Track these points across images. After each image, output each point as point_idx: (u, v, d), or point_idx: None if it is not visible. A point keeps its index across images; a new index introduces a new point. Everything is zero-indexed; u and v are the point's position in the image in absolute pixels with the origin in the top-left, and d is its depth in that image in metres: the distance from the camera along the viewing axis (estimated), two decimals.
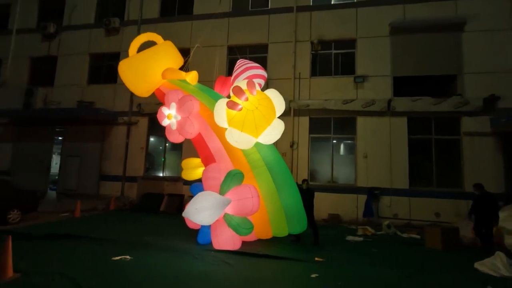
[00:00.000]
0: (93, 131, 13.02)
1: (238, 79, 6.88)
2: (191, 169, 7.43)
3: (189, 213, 5.77)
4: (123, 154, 12.57)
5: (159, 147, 13.09)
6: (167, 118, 6.96)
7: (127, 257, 5.24)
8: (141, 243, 6.35)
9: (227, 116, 6.08)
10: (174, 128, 6.95)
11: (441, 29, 10.54)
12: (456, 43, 10.46)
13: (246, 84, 6.09)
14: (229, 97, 6.40)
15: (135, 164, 12.47)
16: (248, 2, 12.60)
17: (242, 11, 12.50)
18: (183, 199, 10.99)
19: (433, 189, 10.03)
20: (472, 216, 6.43)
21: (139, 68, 7.47)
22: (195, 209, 5.71)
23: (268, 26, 12.01)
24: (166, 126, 7.11)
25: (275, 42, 11.87)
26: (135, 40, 7.90)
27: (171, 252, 5.78)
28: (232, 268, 5.01)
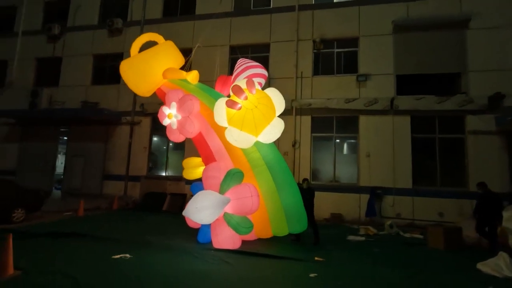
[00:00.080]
0: (97, 131, 13.14)
1: (238, 78, 6.88)
2: (191, 168, 7.45)
3: (189, 212, 5.80)
4: (126, 153, 12.66)
5: (162, 147, 13.16)
6: (168, 117, 6.98)
7: (127, 255, 5.28)
8: (142, 242, 6.38)
9: (226, 115, 6.08)
10: (174, 127, 6.98)
11: (445, 26, 10.41)
12: (460, 40, 10.32)
13: (245, 83, 6.08)
14: (230, 96, 6.40)
15: (138, 163, 12.55)
16: (250, 1, 12.59)
17: (244, 10, 12.50)
18: (186, 198, 11.02)
19: (436, 189, 9.91)
20: (476, 215, 6.34)
21: (140, 68, 7.52)
22: (195, 208, 5.74)
23: (270, 25, 11.98)
24: (166, 125, 7.15)
25: (277, 41, 11.84)
26: (137, 40, 7.95)
27: (171, 251, 5.80)
28: (231, 267, 5.00)
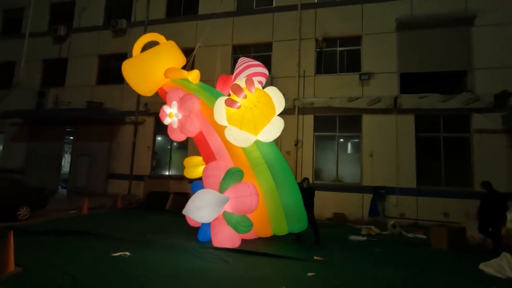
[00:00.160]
0: (101, 131, 13.29)
1: (239, 77, 6.88)
2: (192, 167, 7.48)
3: (188, 211, 5.82)
4: (130, 153, 12.78)
5: (166, 146, 13.24)
6: (169, 116, 7.03)
7: (127, 253, 5.33)
8: (142, 240, 6.43)
9: (226, 114, 6.09)
10: (175, 126, 7.01)
11: (450, 24, 10.24)
12: (465, 38, 10.14)
13: (244, 82, 6.07)
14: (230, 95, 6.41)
15: (142, 163, 12.66)
16: (252, 1, 12.58)
17: (246, 10, 12.50)
18: (188, 197, 11.03)
19: (441, 188, 9.76)
20: (479, 215, 6.21)
21: (142, 67, 7.57)
22: (195, 207, 5.76)
23: (272, 24, 11.96)
24: (168, 124, 7.19)
25: (279, 40, 11.81)
26: (139, 40, 8.01)
27: (171, 249, 5.83)
28: (229, 266, 5.00)
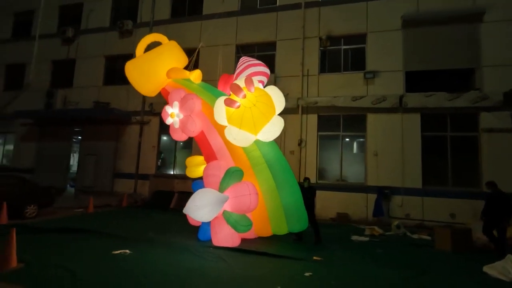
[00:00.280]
0: (108, 131, 13.50)
1: (240, 76, 6.89)
2: (194, 167, 7.51)
3: (188, 210, 5.86)
4: (136, 152, 12.96)
5: (171, 146, 13.36)
6: (170, 116, 7.09)
7: (127, 251, 5.40)
8: (144, 239, 6.50)
9: (226, 113, 6.10)
10: (177, 126, 7.06)
11: (457, 20, 10.01)
12: (473, 34, 9.90)
13: (244, 81, 6.07)
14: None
15: (147, 162, 12.81)
16: (256, 0, 12.56)
17: (250, 9, 12.49)
18: None
19: (448, 189, 9.57)
20: (484, 216, 6.05)
21: (145, 68, 7.63)
22: (195, 206, 5.80)
23: (276, 23, 11.92)
24: (170, 124, 7.25)
25: (283, 39, 11.77)
26: (142, 41, 8.08)
27: (171, 248, 5.88)
28: (227, 265, 5.02)
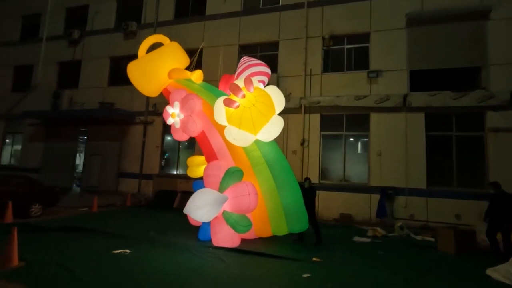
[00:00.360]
0: (112, 131, 13.65)
1: (241, 76, 6.88)
2: (195, 167, 7.54)
3: (188, 210, 5.88)
4: (140, 152, 13.07)
5: (174, 146, 13.43)
6: (171, 117, 7.13)
7: (127, 250, 5.45)
8: (145, 238, 6.55)
9: (225, 113, 6.10)
10: (178, 126, 7.10)
11: (463, 18, 9.83)
12: (480, 32, 9.71)
13: (243, 81, 6.07)
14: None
15: (151, 162, 12.91)
16: (259, 0, 12.53)
17: (253, 9, 12.47)
18: None
19: (453, 189, 9.40)
20: (487, 218, 5.93)
21: (147, 69, 7.69)
22: (194, 206, 5.82)
23: (279, 23, 11.88)
24: (171, 124, 7.29)
25: (286, 39, 11.72)
26: (144, 42, 8.14)
27: (171, 247, 5.91)
28: (225, 265, 5.02)
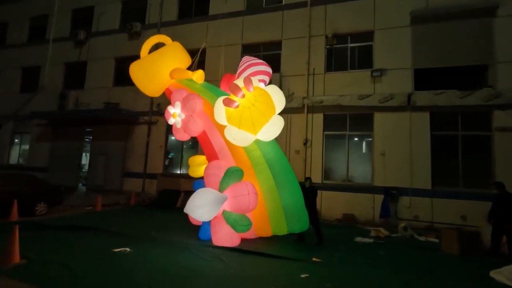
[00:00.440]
0: (117, 131, 13.80)
1: (241, 76, 6.88)
2: (196, 166, 7.57)
3: (189, 210, 5.90)
4: (144, 152, 13.18)
5: (178, 146, 13.50)
6: (172, 116, 7.17)
7: (127, 249, 5.49)
8: (146, 237, 6.59)
9: (225, 113, 6.11)
10: (179, 126, 7.14)
11: (468, 15, 9.64)
12: (486, 30, 9.52)
13: (243, 80, 6.06)
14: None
15: (155, 162, 13.01)
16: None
17: (256, 9, 12.45)
18: None
19: (459, 190, 9.24)
20: (491, 219, 5.81)
21: (149, 69, 7.75)
22: (194, 206, 5.84)
23: (281, 22, 11.84)
24: (172, 124, 7.33)
25: (288, 38, 11.67)
26: (146, 42, 8.20)
27: (171, 246, 5.94)
28: (224, 264, 5.01)
